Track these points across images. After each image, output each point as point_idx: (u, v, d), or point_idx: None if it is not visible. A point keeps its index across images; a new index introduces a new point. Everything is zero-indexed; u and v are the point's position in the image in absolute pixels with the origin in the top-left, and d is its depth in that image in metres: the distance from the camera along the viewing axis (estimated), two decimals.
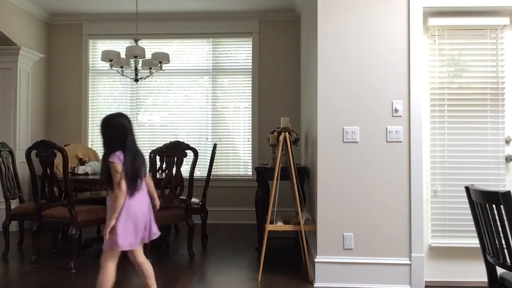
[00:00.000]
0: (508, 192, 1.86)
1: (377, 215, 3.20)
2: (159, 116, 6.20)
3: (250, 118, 6.07)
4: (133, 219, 2.49)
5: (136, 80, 5.11)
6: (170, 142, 3.93)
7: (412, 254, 3.16)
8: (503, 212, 1.89)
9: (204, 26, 6.05)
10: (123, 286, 3.30)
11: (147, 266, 2.62)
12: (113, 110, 6.22)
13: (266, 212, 3.77)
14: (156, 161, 3.94)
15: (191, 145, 4.07)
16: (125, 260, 4.01)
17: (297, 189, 3.48)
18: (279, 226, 3.52)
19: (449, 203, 3.26)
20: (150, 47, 5.75)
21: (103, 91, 6.26)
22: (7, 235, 4.11)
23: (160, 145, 3.95)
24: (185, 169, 4.20)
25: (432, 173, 3.30)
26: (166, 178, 3.90)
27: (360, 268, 3.19)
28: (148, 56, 5.00)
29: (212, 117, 6.13)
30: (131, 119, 2.72)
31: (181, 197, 4.03)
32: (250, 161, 6.06)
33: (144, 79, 5.34)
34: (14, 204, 4.29)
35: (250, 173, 6.00)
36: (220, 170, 6.06)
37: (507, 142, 3.27)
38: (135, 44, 4.97)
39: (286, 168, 3.65)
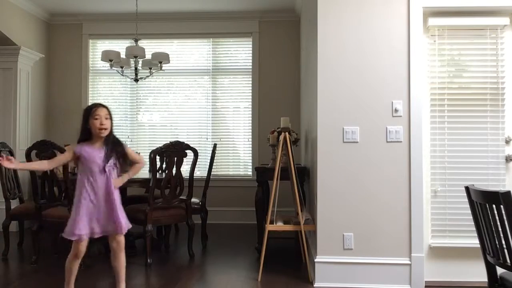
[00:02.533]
0: (508, 192, 1.86)
1: (377, 215, 3.20)
2: (159, 116, 6.20)
3: (250, 118, 6.07)
4: None
5: (136, 80, 5.12)
6: (170, 142, 3.93)
7: (412, 254, 3.16)
8: (503, 212, 1.89)
9: (204, 26, 6.05)
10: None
11: None
12: (113, 110, 6.21)
13: (266, 212, 3.77)
14: (156, 161, 3.94)
15: (191, 145, 4.07)
16: (127, 260, 4.01)
17: (297, 189, 3.48)
18: (279, 226, 3.52)
19: (449, 203, 3.26)
20: (150, 47, 5.75)
21: (103, 91, 6.26)
22: (7, 235, 4.11)
23: (160, 145, 3.95)
24: (185, 169, 4.19)
25: (432, 173, 3.30)
26: (166, 178, 3.90)
27: (360, 268, 3.19)
28: (148, 56, 5.00)
29: (212, 117, 6.13)
30: (132, 119, 2.84)
31: (181, 197, 4.03)
32: (250, 161, 6.06)
33: (144, 79, 5.34)
34: (14, 204, 4.29)
35: (250, 173, 6.00)
36: (220, 170, 6.06)
37: (507, 142, 3.27)
38: (135, 44, 4.98)
39: (286, 168, 3.64)
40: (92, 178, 2.64)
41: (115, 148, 2.69)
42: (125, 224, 2.75)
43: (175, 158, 3.91)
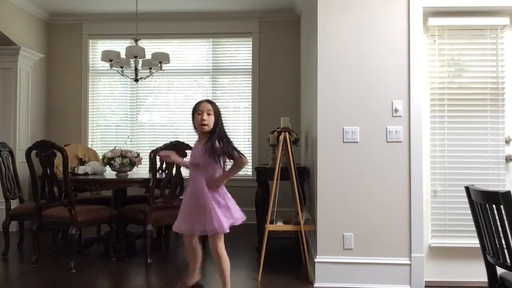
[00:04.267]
0: (508, 192, 1.86)
1: (377, 215, 3.20)
2: (159, 116, 6.20)
3: (250, 118, 6.07)
4: None
5: (136, 80, 5.11)
6: (170, 142, 3.93)
7: (412, 254, 3.16)
8: (503, 212, 1.89)
9: (204, 26, 6.05)
10: (124, 286, 3.31)
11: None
12: (113, 110, 6.23)
13: (266, 212, 3.77)
14: (156, 161, 3.94)
15: (191, 145, 4.06)
16: (125, 261, 4.01)
17: (297, 189, 3.48)
18: (279, 226, 3.52)
19: (449, 203, 3.26)
20: (150, 47, 5.74)
21: (103, 91, 6.26)
22: (7, 235, 4.11)
23: (160, 145, 3.94)
24: (185, 169, 4.18)
25: (432, 173, 3.30)
26: (166, 178, 3.90)
27: (360, 268, 3.19)
28: (148, 56, 5.00)
29: None
30: (132, 119, 2.91)
31: (181, 197, 4.02)
32: (250, 161, 6.05)
33: (144, 79, 5.34)
34: (14, 204, 4.29)
35: (250, 173, 6.00)
36: None
37: (507, 142, 3.27)
38: (135, 44, 4.98)
39: (286, 168, 3.64)
40: (192, 174, 2.68)
41: (216, 146, 2.60)
42: (218, 226, 2.62)
43: None
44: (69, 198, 3.62)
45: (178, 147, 3.93)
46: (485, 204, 2.03)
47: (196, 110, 2.63)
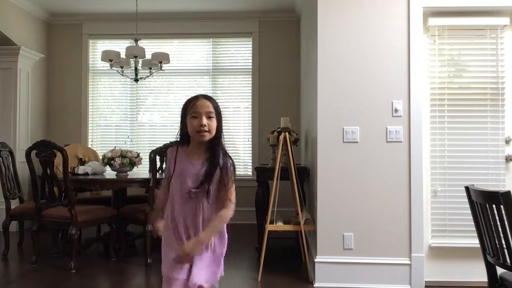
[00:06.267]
0: (508, 192, 1.86)
1: (377, 215, 3.20)
2: (159, 116, 6.20)
3: (250, 118, 6.07)
4: None
5: (136, 80, 5.11)
6: (170, 142, 3.92)
7: (412, 254, 3.16)
8: (503, 212, 1.89)
9: (204, 26, 6.05)
10: (124, 286, 3.31)
11: None
12: (113, 110, 6.23)
13: (266, 212, 3.77)
14: (156, 161, 3.94)
15: None
16: (125, 261, 4.01)
17: (297, 189, 3.48)
18: (279, 226, 3.52)
19: (449, 203, 3.26)
20: (150, 47, 5.74)
21: (103, 91, 6.26)
22: (7, 235, 4.11)
23: (160, 145, 3.94)
24: None
25: (432, 173, 3.30)
26: None
27: (360, 268, 3.19)
28: (148, 56, 5.00)
29: None
30: (132, 119, 2.57)
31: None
32: (250, 161, 6.05)
33: (144, 79, 5.33)
34: (14, 204, 4.29)
35: (250, 173, 6.00)
36: None
37: (507, 142, 3.27)
38: (135, 44, 4.97)
39: (286, 168, 3.64)
40: (179, 202, 1.83)
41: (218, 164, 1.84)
42: (205, 280, 1.81)
43: None
44: (69, 198, 3.62)
45: None
46: (485, 204, 2.03)
47: (190, 111, 1.76)
